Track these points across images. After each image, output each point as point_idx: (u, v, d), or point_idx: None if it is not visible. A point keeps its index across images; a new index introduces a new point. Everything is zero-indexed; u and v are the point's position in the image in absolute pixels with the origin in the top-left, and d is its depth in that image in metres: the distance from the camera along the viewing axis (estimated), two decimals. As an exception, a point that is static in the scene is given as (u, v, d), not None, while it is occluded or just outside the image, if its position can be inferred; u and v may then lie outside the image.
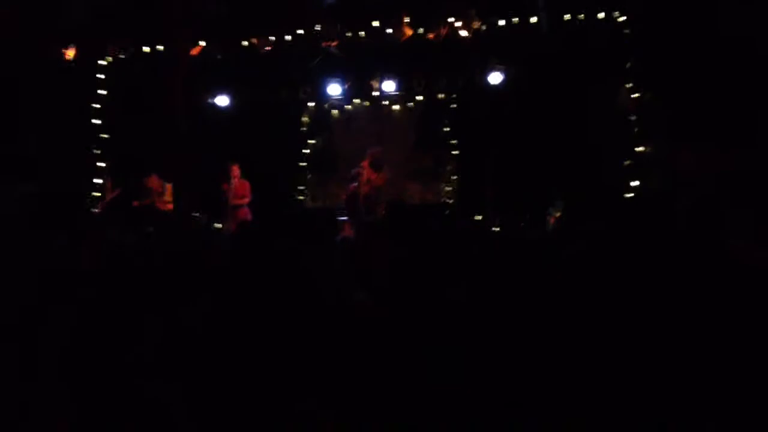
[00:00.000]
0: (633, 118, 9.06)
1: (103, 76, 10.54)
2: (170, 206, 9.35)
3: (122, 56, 10.36)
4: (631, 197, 8.73)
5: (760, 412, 2.51)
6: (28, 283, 3.41)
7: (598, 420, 2.61)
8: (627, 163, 9.02)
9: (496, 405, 2.70)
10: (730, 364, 2.68)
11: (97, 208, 9.92)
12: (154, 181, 9.48)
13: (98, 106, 10.42)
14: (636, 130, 9.00)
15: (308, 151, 11.59)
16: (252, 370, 2.86)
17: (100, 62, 10.52)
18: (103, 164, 10.28)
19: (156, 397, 2.72)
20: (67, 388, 2.77)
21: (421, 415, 2.67)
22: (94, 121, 10.35)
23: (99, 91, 10.46)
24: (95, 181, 10.18)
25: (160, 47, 10.19)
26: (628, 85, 9.18)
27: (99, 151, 10.35)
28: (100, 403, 2.71)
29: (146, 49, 10.27)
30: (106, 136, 10.39)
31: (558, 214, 7.98)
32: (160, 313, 3.22)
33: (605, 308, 3.30)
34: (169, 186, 9.44)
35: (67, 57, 10.14)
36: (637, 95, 9.03)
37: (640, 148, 8.93)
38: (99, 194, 10.12)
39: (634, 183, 8.85)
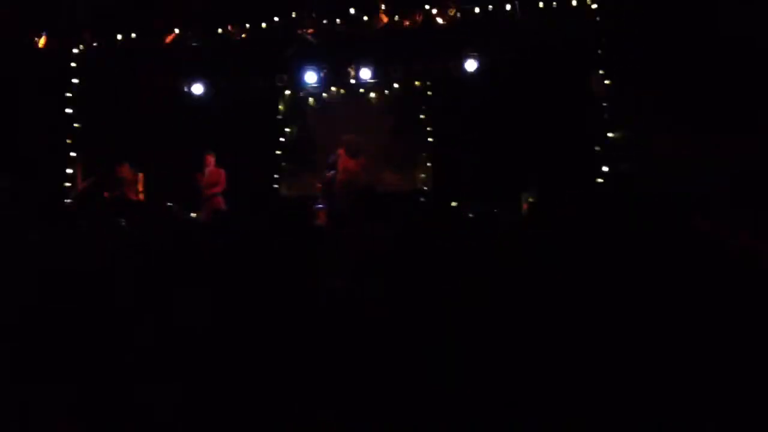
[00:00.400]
0: (605, 104, 9.16)
1: (75, 65, 10.42)
2: (141, 196, 9.30)
3: (95, 44, 10.23)
4: (601, 182, 8.85)
5: (759, 410, 2.55)
6: (11, 281, 3.41)
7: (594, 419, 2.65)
8: (598, 149, 9.13)
9: (493, 404, 2.73)
10: (707, 353, 2.74)
11: (68, 199, 9.85)
12: (125, 170, 9.39)
13: (70, 95, 10.31)
14: (606, 116, 9.11)
15: (284, 139, 11.57)
16: (246, 368, 2.88)
17: (73, 51, 10.40)
18: (74, 154, 10.18)
19: (153, 398, 2.73)
20: (62, 388, 2.78)
21: (419, 413, 2.70)
22: (66, 110, 10.24)
23: (72, 80, 10.34)
24: (67, 171, 10.09)
25: (134, 35, 10.10)
26: (600, 72, 9.26)
27: (70, 141, 10.25)
28: (97, 404, 2.71)
29: (119, 36, 10.17)
30: (77, 125, 10.28)
31: (531, 200, 8.05)
32: (150, 311, 3.23)
33: (580, 295, 3.35)
34: (141, 175, 9.38)
35: (38, 45, 10.02)
36: (608, 82, 9.13)
37: (611, 134, 9.03)
38: (69, 185, 10.02)
39: (605, 168, 8.96)
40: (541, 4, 9.44)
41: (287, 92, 11.48)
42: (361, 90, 11.40)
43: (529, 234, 5.04)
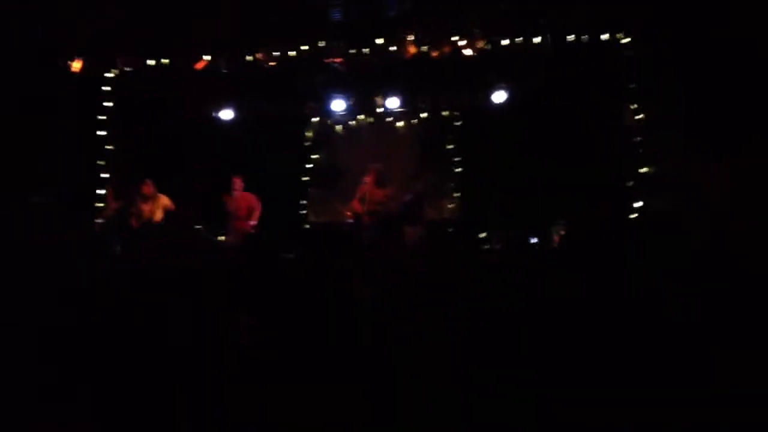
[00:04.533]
0: (637, 138, 9.12)
1: (108, 89, 10.57)
2: (159, 215, 9.33)
3: (128, 69, 10.38)
4: (635, 218, 8.76)
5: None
6: (43, 293, 3.43)
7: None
8: (630, 183, 9.07)
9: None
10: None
11: (100, 219, 9.93)
12: (148, 187, 9.45)
13: (104, 117, 10.45)
14: (640, 150, 9.05)
15: (311, 166, 11.61)
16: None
17: (106, 75, 10.55)
18: (106, 176, 10.29)
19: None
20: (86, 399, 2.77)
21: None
22: (99, 132, 10.36)
23: (105, 104, 10.48)
24: (99, 192, 10.20)
25: (166, 60, 10.23)
26: (632, 106, 9.24)
27: (102, 163, 10.37)
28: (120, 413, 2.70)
29: (152, 62, 10.31)
30: (110, 147, 10.41)
31: (563, 232, 7.98)
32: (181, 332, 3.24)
33: (612, 327, 3.31)
34: (160, 196, 9.43)
35: (73, 69, 10.18)
36: (641, 116, 9.09)
37: (644, 169, 8.97)
38: (102, 205, 10.13)
39: (638, 204, 8.89)
40: (571, 37, 9.45)
41: (315, 119, 11.54)
42: (389, 119, 11.43)
43: (562, 266, 4.99)
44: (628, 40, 9.30)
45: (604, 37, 9.40)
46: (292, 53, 10.17)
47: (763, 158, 7.32)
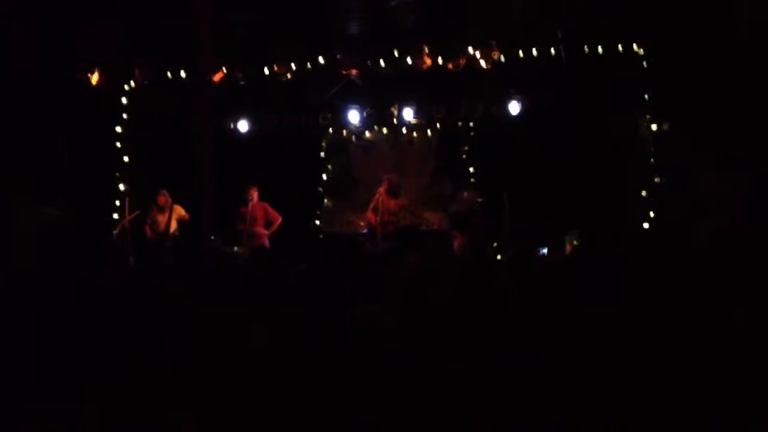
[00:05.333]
0: (652, 149, 9.08)
1: (125, 101, 10.70)
2: (174, 225, 9.39)
3: (146, 81, 10.50)
4: (648, 228, 8.72)
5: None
6: (57, 301, 3.46)
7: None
8: (644, 193, 9.03)
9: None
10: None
11: (116, 230, 10.03)
12: (163, 197, 9.52)
13: (120, 130, 10.57)
14: (653, 161, 9.02)
15: (326, 176, 11.65)
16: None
17: (124, 87, 10.69)
18: (123, 187, 10.41)
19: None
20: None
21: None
22: (115, 144, 10.49)
23: (122, 115, 10.61)
24: (116, 203, 10.31)
25: (183, 73, 10.34)
26: (647, 117, 9.20)
27: (119, 174, 10.48)
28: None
29: (169, 74, 10.43)
30: (126, 159, 10.52)
31: (576, 243, 7.95)
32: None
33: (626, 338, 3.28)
34: (176, 206, 9.50)
35: (91, 81, 10.32)
36: (655, 127, 9.05)
37: (658, 179, 8.93)
38: (117, 216, 10.23)
39: (651, 214, 8.85)
40: (586, 49, 9.44)
41: (330, 130, 11.59)
42: (404, 130, 11.45)
43: (575, 276, 4.96)
44: (643, 51, 9.27)
45: (620, 48, 9.38)
46: (309, 65, 10.25)
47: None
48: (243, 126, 10.98)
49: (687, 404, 2.75)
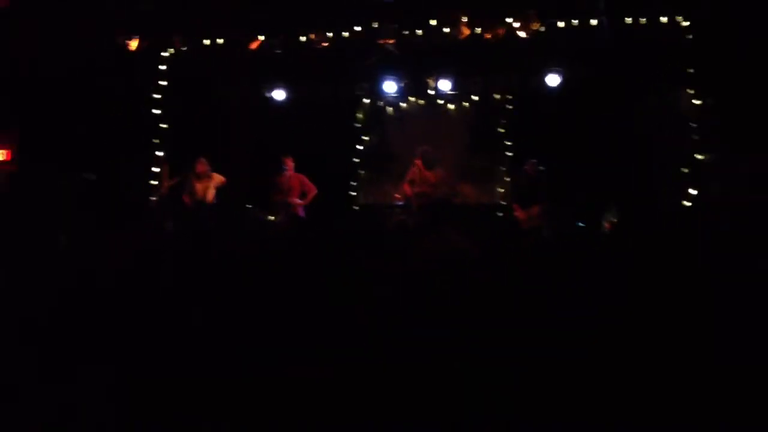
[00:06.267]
0: (694, 125, 8.90)
1: (164, 68, 10.77)
2: (211, 194, 9.44)
3: (184, 48, 10.53)
4: (688, 205, 8.57)
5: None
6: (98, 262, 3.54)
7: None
8: (685, 170, 8.86)
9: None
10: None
11: (155, 196, 10.16)
12: (202, 165, 9.60)
13: (159, 96, 10.65)
14: (696, 137, 8.83)
15: (361, 147, 11.64)
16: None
17: (162, 54, 10.75)
18: (161, 153, 10.51)
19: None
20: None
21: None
22: (154, 111, 10.58)
23: (160, 82, 10.68)
24: (154, 170, 10.44)
25: (221, 40, 10.36)
26: (689, 91, 9.00)
27: (157, 141, 10.58)
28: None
29: (206, 42, 10.45)
30: (164, 126, 10.61)
31: (614, 220, 7.86)
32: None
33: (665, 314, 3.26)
34: (214, 175, 9.55)
35: (130, 48, 10.38)
36: (698, 102, 8.85)
37: (700, 156, 8.76)
38: (156, 183, 10.36)
39: (693, 191, 8.69)
40: (628, 20, 9.23)
41: (366, 101, 11.56)
42: (440, 101, 11.38)
43: (613, 253, 4.93)
44: (687, 23, 9.05)
45: (663, 20, 9.16)
46: (345, 34, 10.19)
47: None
48: (279, 95, 11.00)
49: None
